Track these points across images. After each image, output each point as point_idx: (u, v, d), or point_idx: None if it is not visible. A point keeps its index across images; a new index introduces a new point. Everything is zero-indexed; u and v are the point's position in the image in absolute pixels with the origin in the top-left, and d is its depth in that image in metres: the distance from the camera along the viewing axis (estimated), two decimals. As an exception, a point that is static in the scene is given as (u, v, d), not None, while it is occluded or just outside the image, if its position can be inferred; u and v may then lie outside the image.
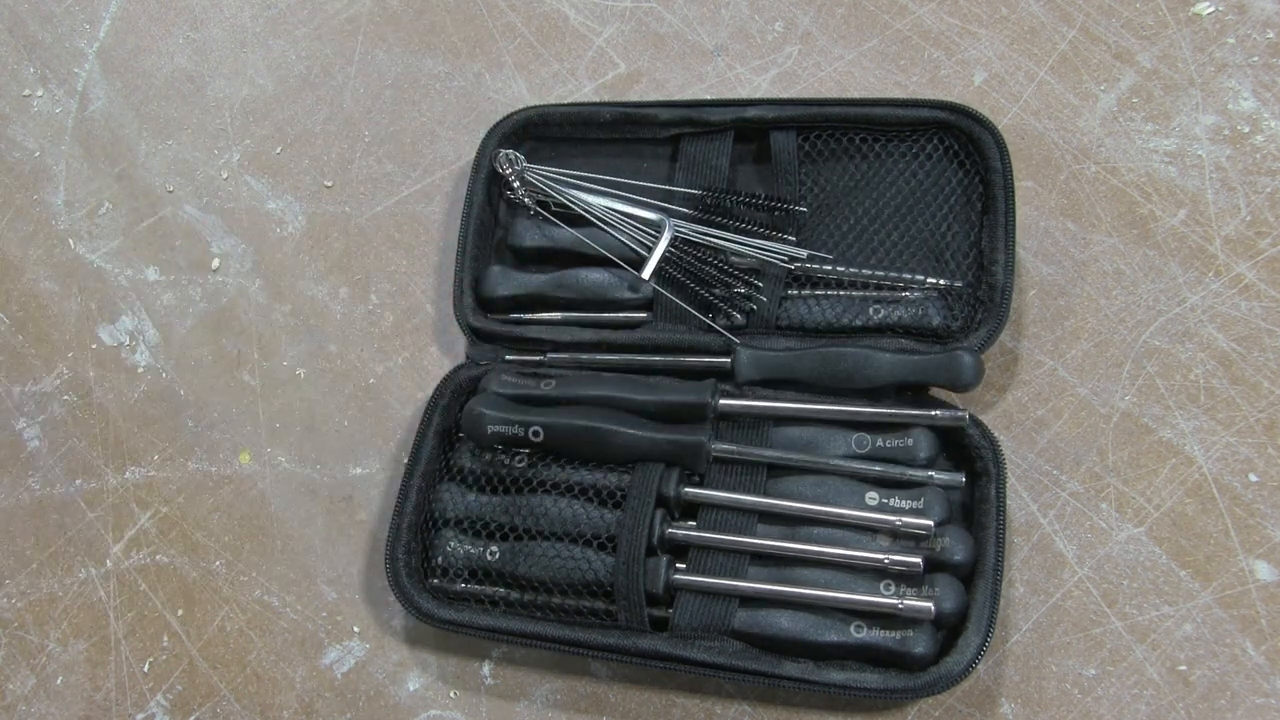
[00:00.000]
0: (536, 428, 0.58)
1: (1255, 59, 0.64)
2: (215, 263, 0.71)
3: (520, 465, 0.59)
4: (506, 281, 0.64)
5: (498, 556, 0.58)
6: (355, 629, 0.62)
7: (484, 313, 0.64)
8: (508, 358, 0.64)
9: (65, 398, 0.69)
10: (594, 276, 0.64)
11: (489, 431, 0.59)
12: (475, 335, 0.64)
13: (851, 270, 0.61)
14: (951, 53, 0.68)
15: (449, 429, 0.62)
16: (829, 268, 0.61)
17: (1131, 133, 0.64)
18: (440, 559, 0.58)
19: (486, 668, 0.60)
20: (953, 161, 0.62)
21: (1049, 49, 0.67)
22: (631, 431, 0.57)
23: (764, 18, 0.71)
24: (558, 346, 0.63)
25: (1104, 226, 0.63)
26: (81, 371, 0.69)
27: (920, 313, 0.60)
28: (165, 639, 0.63)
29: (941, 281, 0.60)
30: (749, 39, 0.70)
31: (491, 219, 0.67)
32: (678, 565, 0.56)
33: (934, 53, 0.68)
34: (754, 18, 0.71)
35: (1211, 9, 0.66)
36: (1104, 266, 0.62)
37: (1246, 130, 0.63)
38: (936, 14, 0.69)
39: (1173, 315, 0.61)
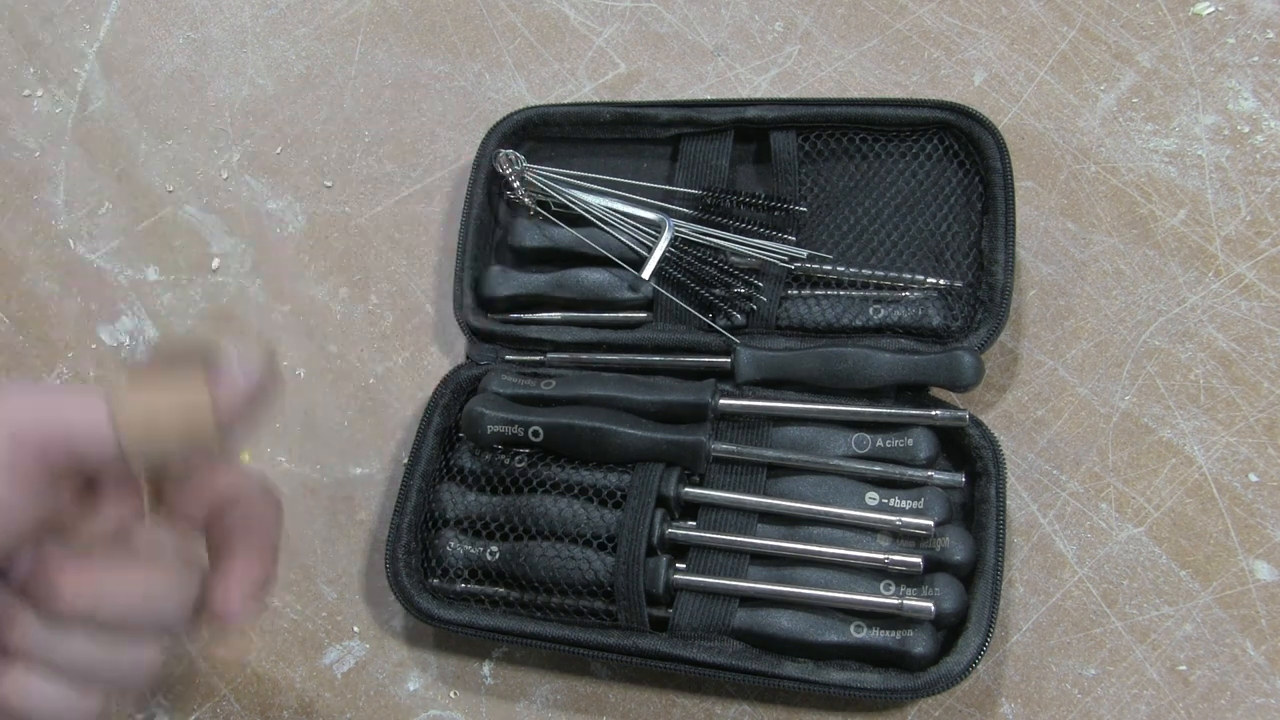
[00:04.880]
0: (536, 428, 0.58)
1: (1255, 59, 0.65)
2: (215, 263, 0.71)
3: (520, 465, 0.59)
4: (506, 281, 0.64)
5: (498, 556, 0.58)
6: (355, 629, 0.62)
7: (484, 313, 0.64)
8: (508, 357, 0.64)
9: (65, 398, 0.69)
10: (594, 276, 0.64)
11: (489, 431, 0.59)
12: (475, 335, 0.64)
13: (851, 270, 0.61)
14: (951, 53, 0.68)
15: (449, 429, 0.62)
16: (829, 268, 0.61)
17: (1131, 133, 0.64)
18: (440, 559, 0.58)
19: (486, 668, 0.60)
20: (953, 161, 0.62)
21: (1049, 49, 0.67)
22: (631, 431, 0.57)
23: (764, 18, 0.71)
24: (558, 346, 0.63)
25: (1104, 226, 0.63)
26: (81, 371, 0.69)
27: (920, 313, 0.60)
28: (165, 639, 0.62)
29: (941, 281, 0.60)
30: (749, 39, 0.70)
31: (491, 219, 0.67)
32: (678, 565, 0.56)
33: (934, 53, 0.68)
34: (754, 18, 0.71)
35: (1211, 9, 0.66)
36: (1104, 266, 0.62)
37: (1246, 130, 0.63)
38: (936, 14, 0.69)
39: (1173, 315, 0.61)
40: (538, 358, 0.64)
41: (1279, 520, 0.56)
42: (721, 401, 0.59)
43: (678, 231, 0.62)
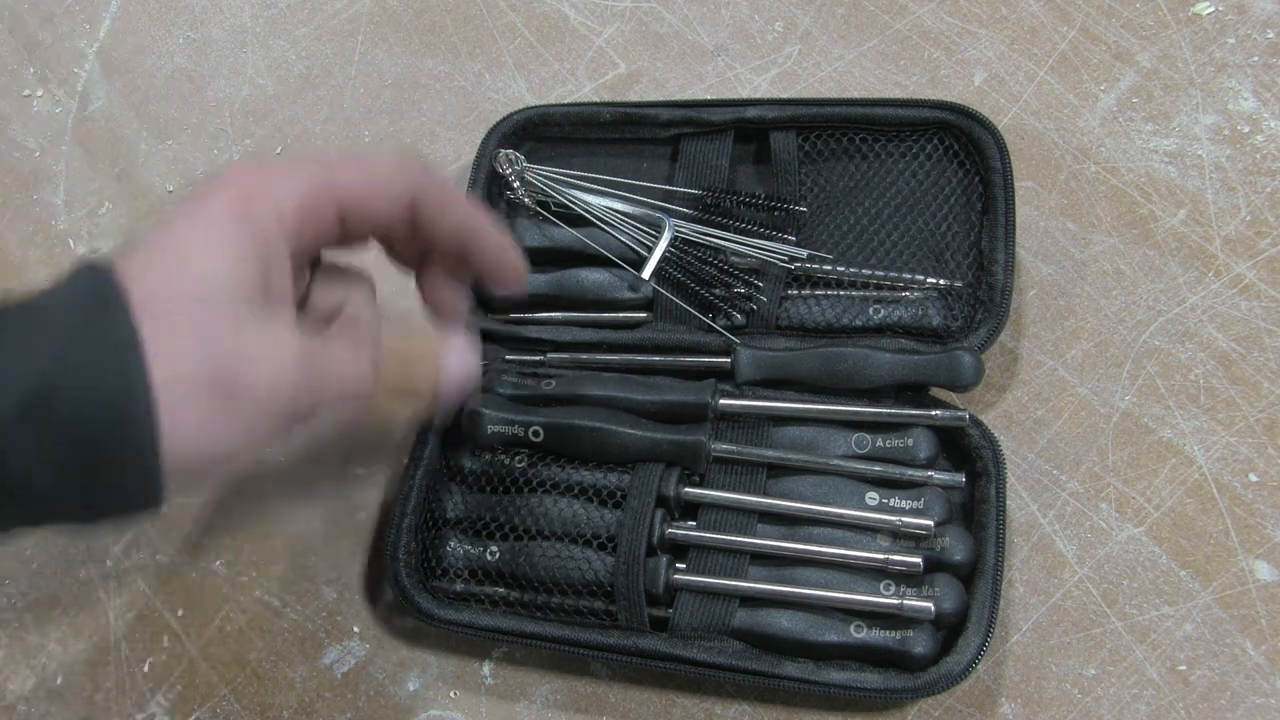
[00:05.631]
0: (536, 428, 0.58)
1: (1255, 59, 0.65)
2: (215, 263, 0.71)
3: (520, 465, 0.59)
4: (506, 281, 0.64)
5: (498, 556, 0.58)
6: (355, 629, 0.62)
7: (484, 313, 0.64)
8: (507, 358, 0.64)
9: (65, 398, 0.69)
10: (594, 277, 0.63)
11: (489, 431, 0.59)
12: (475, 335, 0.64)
13: (851, 270, 0.61)
14: (951, 53, 0.68)
15: (449, 429, 0.62)
16: (829, 268, 0.61)
17: (1131, 133, 0.64)
18: (440, 559, 0.58)
19: (487, 668, 0.60)
20: (953, 161, 0.62)
21: (1049, 49, 0.67)
22: (631, 431, 0.57)
23: (764, 18, 0.71)
24: (558, 346, 0.63)
25: (1104, 226, 0.63)
26: (81, 371, 0.69)
27: (920, 313, 0.60)
28: (165, 639, 0.63)
29: (941, 281, 0.60)
30: (749, 39, 0.70)
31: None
32: (678, 565, 0.56)
33: (934, 53, 0.68)
34: (754, 18, 0.71)
35: (1211, 9, 0.66)
36: (1104, 266, 0.62)
37: (1246, 130, 0.63)
38: (936, 14, 0.69)
39: (1173, 315, 0.61)
40: (538, 358, 0.63)
41: (1279, 520, 0.56)
42: (721, 401, 0.59)
43: (678, 231, 0.62)
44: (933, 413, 0.58)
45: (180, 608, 0.63)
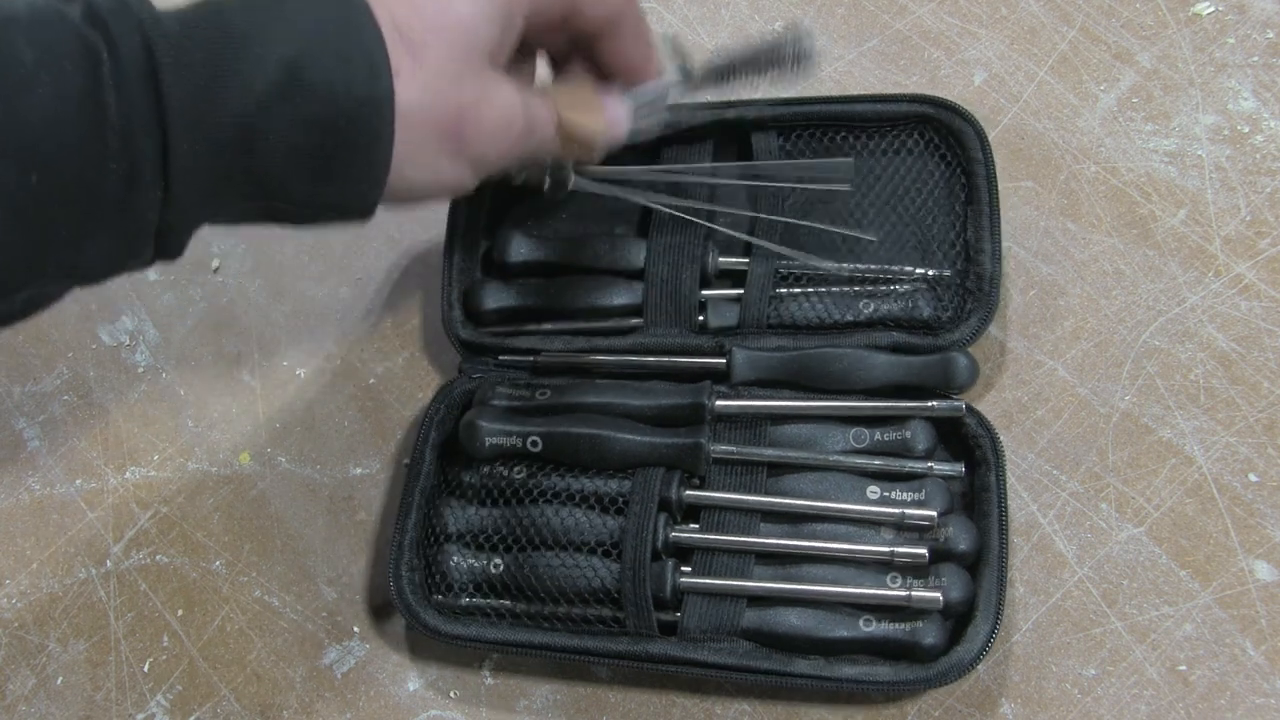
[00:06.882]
0: (534, 438, 0.58)
1: (1255, 59, 0.65)
2: (215, 263, 0.70)
3: (520, 476, 0.59)
4: (495, 294, 0.63)
5: (502, 569, 0.57)
6: (355, 629, 0.62)
7: (473, 325, 0.63)
8: (501, 358, 0.63)
9: (65, 398, 0.69)
10: (583, 286, 0.63)
11: (486, 444, 0.58)
12: (466, 348, 0.63)
13: (839, 265, 0.61)
14: (951, 53, 0.68)
15: (446, 443, 0.61)
16: (815, 264, 0.61)
17: (1131, 133, 0.64)
18: (444, 574, 0.58)
19: (487, 668, 0.60)
20: (934, 154, 0.61)
21: (1049, 49, 0.67)
22: (629, 437, 0.57)
23: (764, 18, 0.71)
24: (550, 354, 0.63)
25: (1104, 226, 0.63)
26: (81, 371, 0.69)
27: (910, 305, 0.60)
28: (165, 639, 0.63)
29: (930, 272, 0.60)
30: (749, 39, 0.70)
31: (478, 231, 0.65)
32: (683, 568, 0.56)
33: (934, 53, 0.68)
34: (754, 18, 0.71)
35: (1211, 9, 0.66)
36: (1104, 266, 0.62)
37: (1246, 130, 0.63)
38: (936, 14, 0.69)
39: (1173, 315, 0.61)
40: (530, 358, 0.63)
41: (1279, 520, 0.56)
42: (718, 403, 0.59)
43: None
44: (929, 404, 0.58)
45: (180, 608, 0.63)
